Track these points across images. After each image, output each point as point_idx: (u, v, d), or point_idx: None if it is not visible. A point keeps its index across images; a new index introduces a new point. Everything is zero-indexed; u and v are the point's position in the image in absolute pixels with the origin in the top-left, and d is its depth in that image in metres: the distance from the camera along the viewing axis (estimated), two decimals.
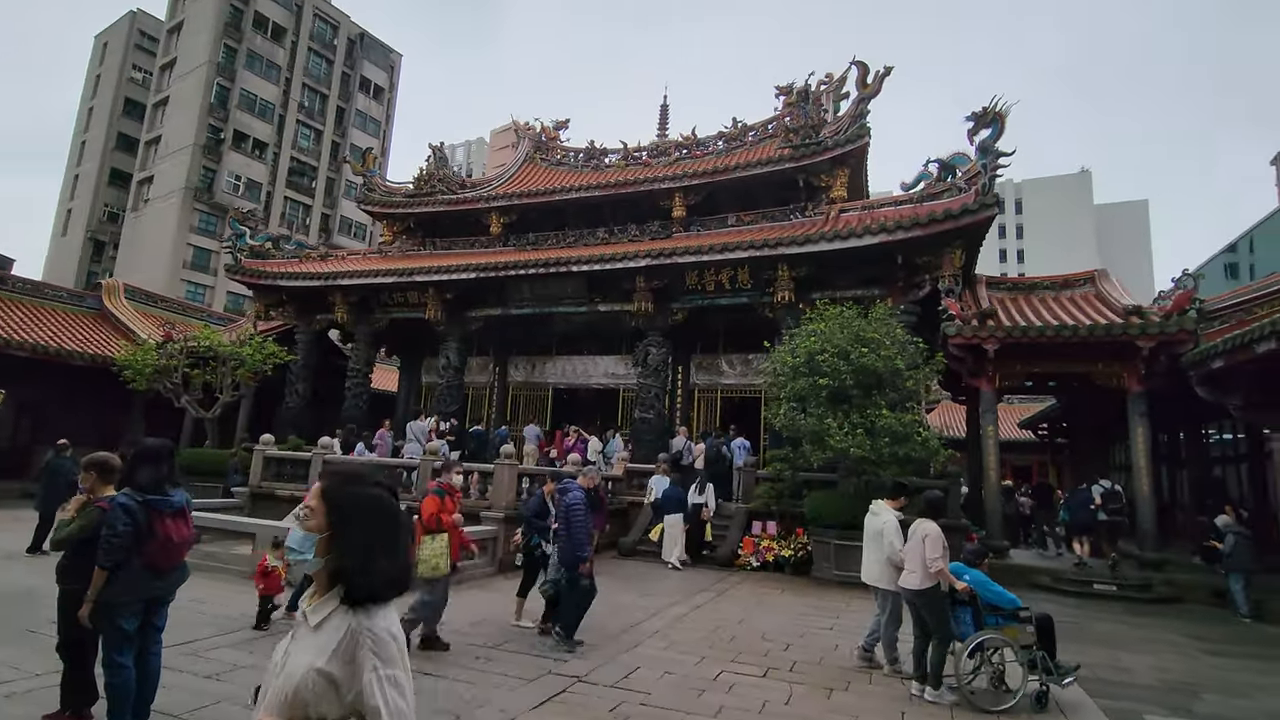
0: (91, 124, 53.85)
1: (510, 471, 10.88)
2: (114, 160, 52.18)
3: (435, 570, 6.09)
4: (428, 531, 6.17)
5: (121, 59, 53.24)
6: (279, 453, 12.82)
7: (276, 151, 49.06)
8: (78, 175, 53.62)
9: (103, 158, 52.09)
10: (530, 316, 18.05)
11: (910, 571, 5.55)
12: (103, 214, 51.85)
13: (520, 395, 19.91)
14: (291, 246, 20.05)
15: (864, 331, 11.12)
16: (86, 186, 52.39)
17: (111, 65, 53.64)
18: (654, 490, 13.27)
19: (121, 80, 52.97)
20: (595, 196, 18.50)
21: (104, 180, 51.98)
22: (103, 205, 51.93)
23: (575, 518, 6.62)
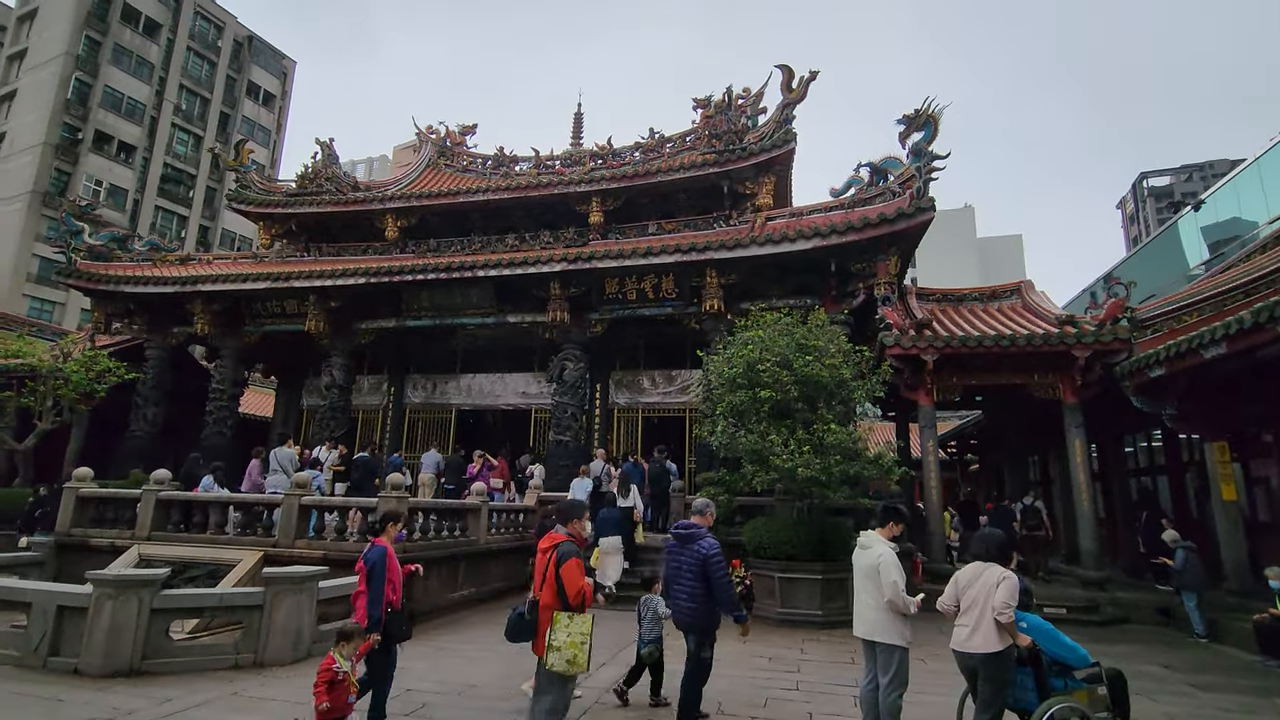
0: None
1: (400, 506, 8.85)
2: None
3: (573, 664, 4.20)
4: (567, 608, 4.27)
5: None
6: (98, 491, 10.14)
7: (147, 156, 44.14)
8: None
9: None
10: (430, 329, 15.97)
11: (973, 629, 4.17)
12: None
13: (419, 418, 17.62)
14: (143, 248, 17.02)
15: (806, 339, 9.96)
16: None
17: None
18: (573, 492, 11.96)
19: None
20: (504, 199, 16.74)
21: None
22: None
23: (718, 572, 5.03)
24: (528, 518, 12.96)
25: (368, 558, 5.12)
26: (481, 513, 11.06)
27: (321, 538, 9.20)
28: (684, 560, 5.28)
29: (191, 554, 9.21)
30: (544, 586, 4.35)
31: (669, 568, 5.41)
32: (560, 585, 4.24)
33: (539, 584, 4.43)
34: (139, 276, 15.79)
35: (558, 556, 4.33)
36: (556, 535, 4.56)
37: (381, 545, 5.21)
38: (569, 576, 4.25)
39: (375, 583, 5.00)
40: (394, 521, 5.56)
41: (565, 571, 4.26)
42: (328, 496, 10.34)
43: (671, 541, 5.53)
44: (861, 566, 4.76)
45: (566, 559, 4.30)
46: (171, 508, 9.89)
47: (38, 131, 40.15)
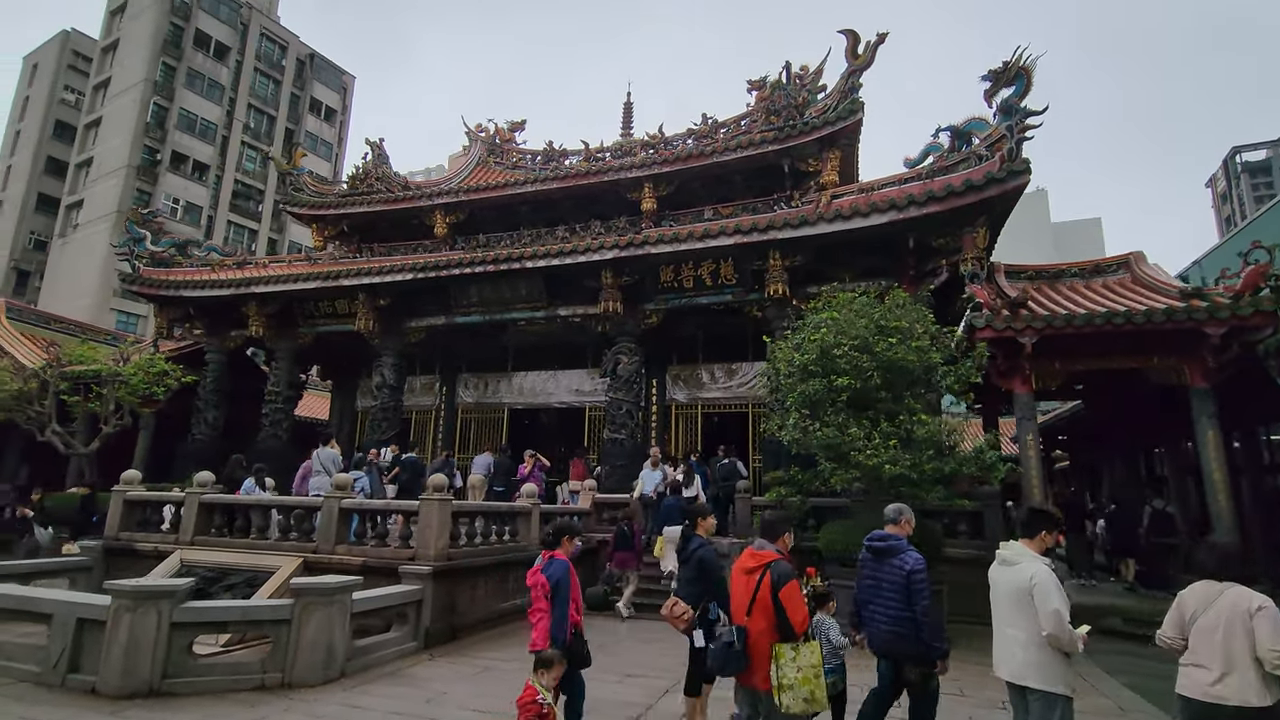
0: (18, 148, 49.79)
1: (440, 511, 8.09)
2: (42, 185, 48.11)
3: (812, 702, 3.58)
4: (788, 638, 3.66)
5: (52, 80, 49.54)
6: (144, 494, 9.79)
7: (219, 174, 45.78)
8: (1, 201, 49.32)
9: (29, 183, 48.01)
10: (479, 326, 15.33)
11: (1222, 672, 3.10)
12: (29, 242, 47.59)
13: (471, 418, 17.06)
14: (202, 253, 17.04)
15: (887, 320, 8.74)
16: (11, 213, 48.09)
17: (41, 86, 49.87)
18: (642, 484, 11.43)
19: (52, 102, 49.19)
20: (553, 190, 16.00)
21: (31, 206, 47.84)
22: (29, 233, 47.68)
23: (922, 593, 4.18)
24: (583, 520, 12.10)
25: (550, 574, 4.52)
26: (533, 516, 10.25)
27: (363, 543, 8.54)
28: (882, 576, 4.36)
29: (232, 560, 8.69)
30: (754, 611, 3.76)
31: (862, 585, 4.58)
32: (781, 612, 3.66)
33: (743, 607, 3.82)
34: (196, 281, 15.73)
35: (774, 578, 3.74)
36: (763, 553, 3.90)
37: (563, 560, 4.68)
38: (792, 602, 3.68)
39: (560, 603, 4.46)
40: (569, 535, 4.88)
41: (787, 596, 3.68)
42: (370, 499, 9.71)
43: (865, 554, 4.59)
44: (1006, 589, 3.62)
45: (786, 581, 3.72)
46: (215, 511, 9.43)
47: (121, 155, 42.09)
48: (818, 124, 13.93)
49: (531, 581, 4.59)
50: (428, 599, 7.75)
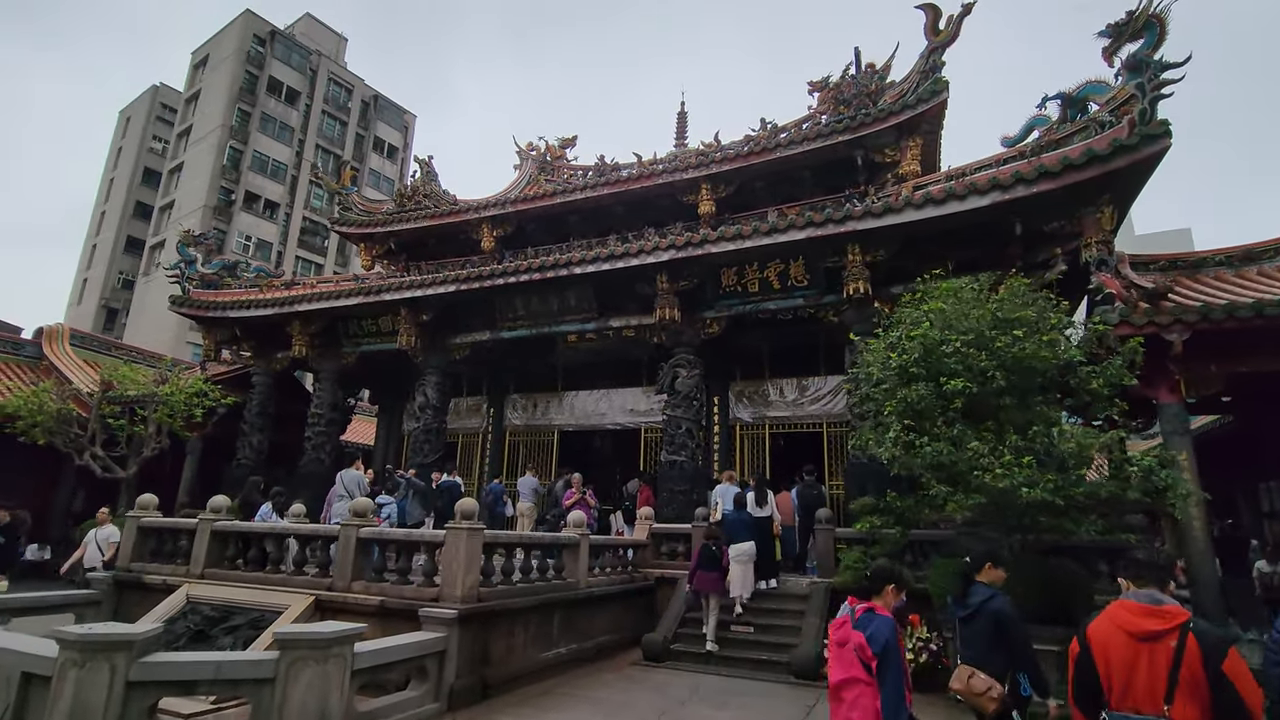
0: (111, 195, 52.64)
1: (469, 543, 6.71)
2: (131, 229, 50.57)
3: None
4: None
5: (142, 130, 52.43)
6: (158, 520, 8.82)
7: (289, 212, 47.08)
8: (95, 245, 52.05)
9: (120, 227, 50.55)
10: (527, 342, 14.16)
11: None
12: (118, 282, 49.87)
13: (520, 441, 15.83)
14: (251, 274, 16.57)
15: (1006, 311, 7.03)
16: (103, 255, 50.66)
17: (133, 137, 52.82)
18: (719, 503, 10.02)
19: (142, 151, 51.98)
20: (604, 197, 14.85)
21: (120, 249, 50.26)
22: (118, 273, 50.01)
23: None
24: (639, 554, 10.56)
25: (874, 634, 3.29)
26: (581, 549, 8.79)
27: (382, 578, 7.25)
28: None
29: (239, 596, 7.53)
30: (1177, 696, 2.50)
31: None
32: (1232, 697, 2.42)
33: (1154, 691, 2.56)
34: (241, 301, 15.18)
35: (1208, 647, 2.50)
36: (1167, 609, 2.65)
37: (886, 616, 3.47)
38: (1244, 679, 2.45)
39: (892, 675, 3.20)
40: (895, 584, 3.66)
41: (1236, 672, 2.45)
42: (392, 528, 8.46)
43: None
44: None
45: (1223, 651, 2.48)
46: (229, 541, 8.35)
47: (200, 196, 43.71)
48: (895, 109, 12.36)
49: (839, 638, 3.39)
50: (452, 649, 6.35)
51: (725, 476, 11.35)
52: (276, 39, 47.26)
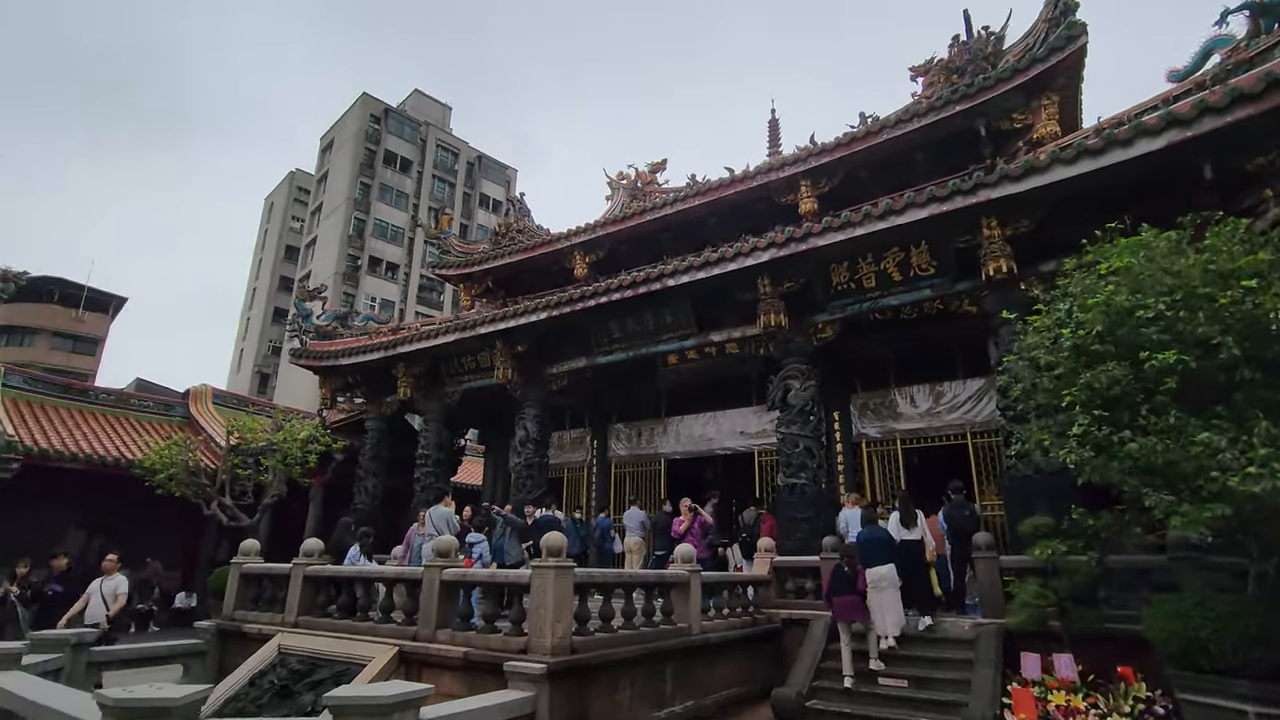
0: (260, 273, 58.38)
1: (558, 584, 5.74)
2: (277, 300, 55.56)
3: None
4: None
5: (284, 213, 58.01)
6: (258, 566, 8.57)
7: (407, 271, 50.00)
8: (249, 319, 57.67)
9: (268, 300, 55.73)
10: (625, 367, 13.31)
11: None
12: (268, 349, 54.78)
13: (626, 473, 14.91)
14: (360, 323, 16.99)
15: (1220, 262, 5.29)
16: (255, 327, 55.94)
17: (275, 220, 58.56)
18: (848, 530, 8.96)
19: (283, 231, 57.43)
20: (696, 208, 13.95)
21: (269, 320, 55.30)
22: (268, 341, 54.92)
23: None
24: (761, 592, 9.19)
25: None
26: (691, 588, 7.59)
27: (469, 626, 6.41)
28: None
29: (326, 647, 6.95)
30: None
31: None
32: None
33: None
34: (350, 349, 15.47)
35: None
36: None
37: None
38: None
39: None
40: None
41: None
42: (478, 569, 7.68)
43: None
44: None
45: None
46: (320, 586, 7.89)
47: (331, 265, 47.35)
48: (1021, 65, 10.64)
49: None
50: (542, 710, 5.33)
51: (850, 500, 9.81)
52: (390, 115, 50.98)
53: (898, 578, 7.44)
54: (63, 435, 16.51)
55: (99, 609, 8.45)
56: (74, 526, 17.31)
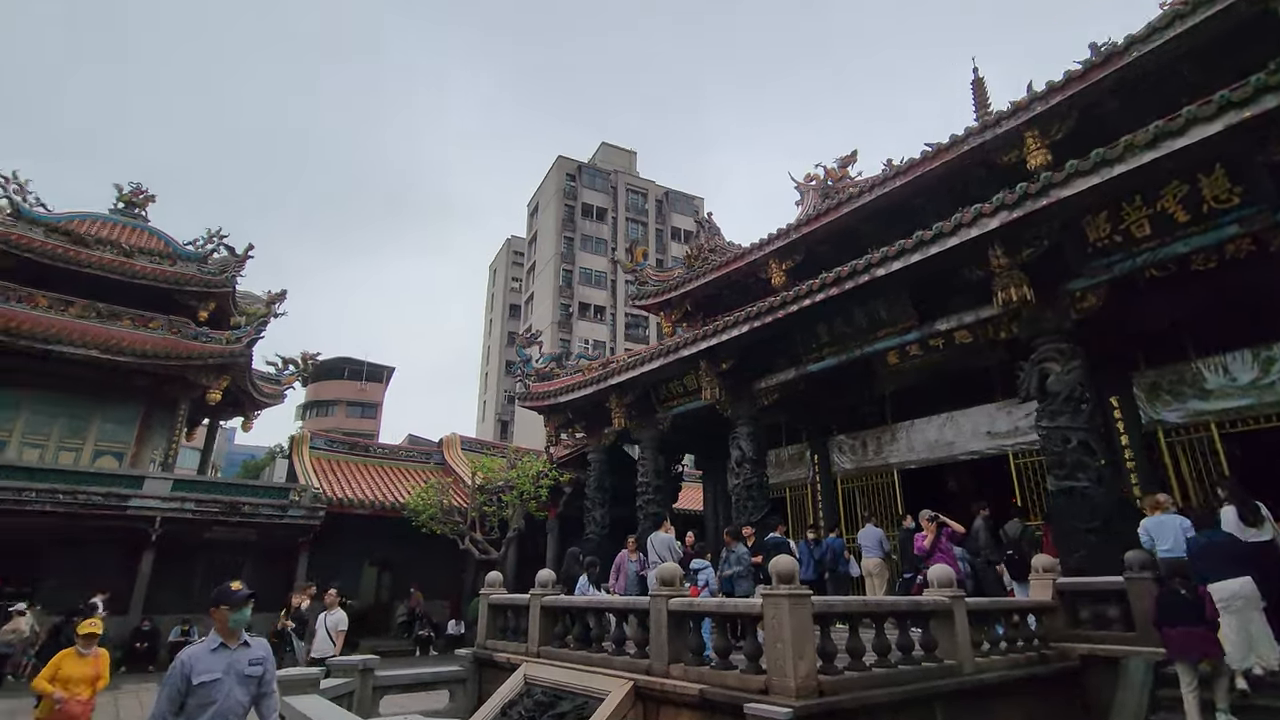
0: (491, 332, 65.62)
1: (794, 615, 5.06)
2: (507, 355, 61.90)
3: None
4: None
5: (505, 276, 64.87)
6: (502, 597, 8.97)
7: (613, 312, 52.81)
8: (486, 373, 64.90)
9: (500, 355, 62.26)
10: (839, 374, 12.22)
11: None
12: (504, 399, 61.02)
13: (854, 488, 13.63)
14: (573, 361, 17.89)
15: None
16: (492, 381, 62.72)
17: (499, 283, 65.68)
18: (1153, 541, 6.93)
19: (506, 292, 64.15)
20: (899, 190, 12.56)
21: (502, 373, 61.72)
22: (503, 392, 61.23)
23: None
24: (1046, 622, 7.54)
25: None
26: (955, 617, 6.38)
27: (702, 661, 5.95)
28: None
29: (566, 679, 6.94)
30: None
31: None
32: None
33: None
34: (566, 386, 16.27)
35: None
36: None
37: None
38: None
39: None
40: None
41: None
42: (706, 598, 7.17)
43: None
44: None
45: None
46: (556, 617, 8.00)
47: (547, 315, 51.72)
48: None
49: None
50: None
51: (1151, 504, 7.71)
52: (583, 171, 54.88)
53: (1258, 594, 5.52)
54: (352, 486, 19.47)
55: (324, 642, 8.78)
56: (367, 564, 20.25)
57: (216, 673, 3.49)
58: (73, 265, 18.26)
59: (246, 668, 3.60)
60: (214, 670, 3.49)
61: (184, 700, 3.39)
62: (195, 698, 3.41)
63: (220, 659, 3.55)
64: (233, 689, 3.52)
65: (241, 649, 3.64)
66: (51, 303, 17.90)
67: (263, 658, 3.73)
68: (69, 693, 6.02)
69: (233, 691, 3.52)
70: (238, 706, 3.55)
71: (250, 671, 3.62)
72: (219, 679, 3.48)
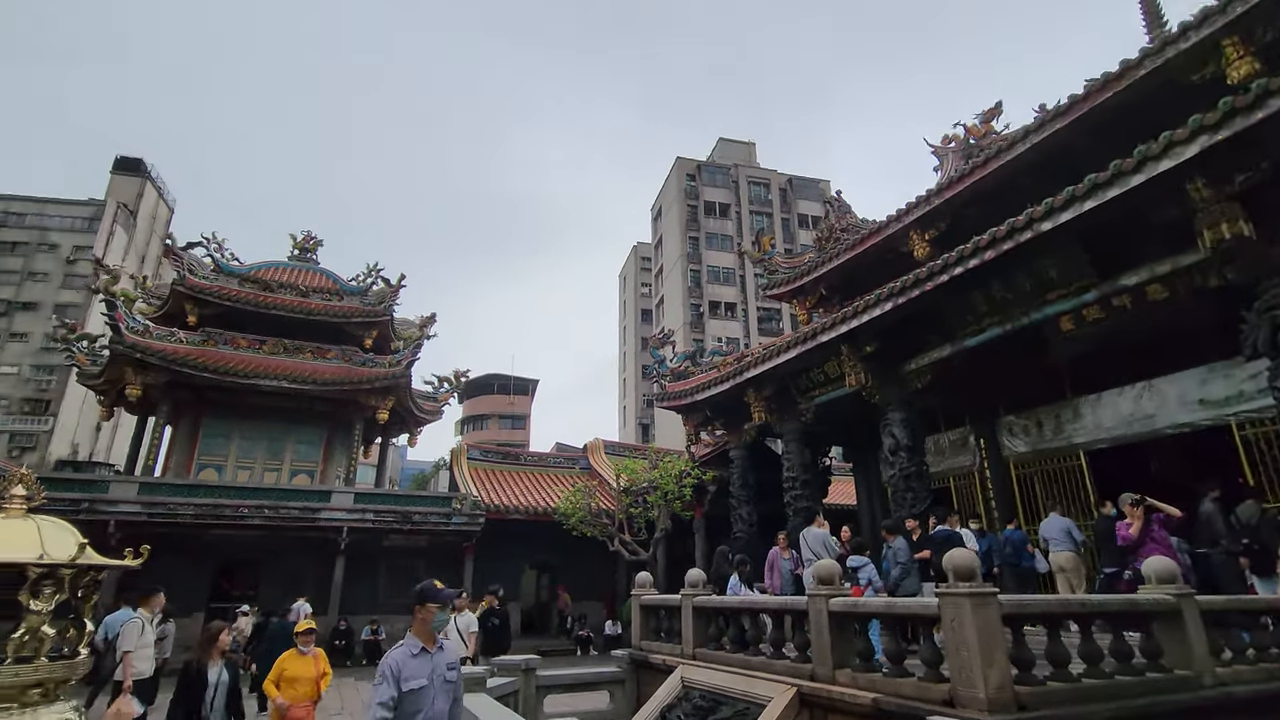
0: (625, 338, 67.06)
1: (979, 615, 4.42)
2: (642, 359, 62.91)
3: None
4: None
5: (635, 282, 66.02)
6: (653, 598, 8.84)
7: (744, 307, 51.95)
8: (624, 379, 66.37)
9: (636, 361, 63.40)
10: (1001, 345, 10.94)
11: None
12: (643, 403, 62.01)
13: (1030, 473, 12.15)
14: (707, 358, 17.59)
15: None
16: (630, 386, 64.01)
17: (629, 290, 66.97)
18: None
19: (636, 298, 65.24)
20: (1061, 133, 11.05)
21: (639, 378, 62.79)
22: (641, 396, 62.24)
23: None
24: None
25: None
26: (1185, 618, 5.33)
27: (871, 667, 5.41)
28: None
29: (725, 683, 6.64)
30: None
31: None
32: None
33: None
34: (702, 384, 16.01)
35: None
36: None
37: None
38: None
39: None
40: None
41: None
42: (870, 598, 6.53)
43: None
44: None
45: None
46: (709, 618, 7.74)
47: (678, 317, 51.91)
48: None
49: None
50: None
51: None
52: (702, 169, 54.58)
53: None
54: (507, 493, 20.47)
55: (457, 643, 8.63)
56: (526, 567, 21.18)
57: (422, 679, 3.38)
58: (261, 308, 20.84)
59: (446, 673, 3.51)
60: (420, 677, 3.38)
61: (396, 706, 3.29)
62: (404, 705, 3.32)
63: (424, 665, 3.43)
64: (436, 697, 3.41)
65: (438, 653, 3.53)
66: (249, 342, 20.51)
67: (456, 662, 3.63)
68: (296, 691, 6.26)
69: (436, 699, 3.41)
70: (441, 716, 3.44)
71: (450, 677, 3.53)
72: (425, 686, 3.38)
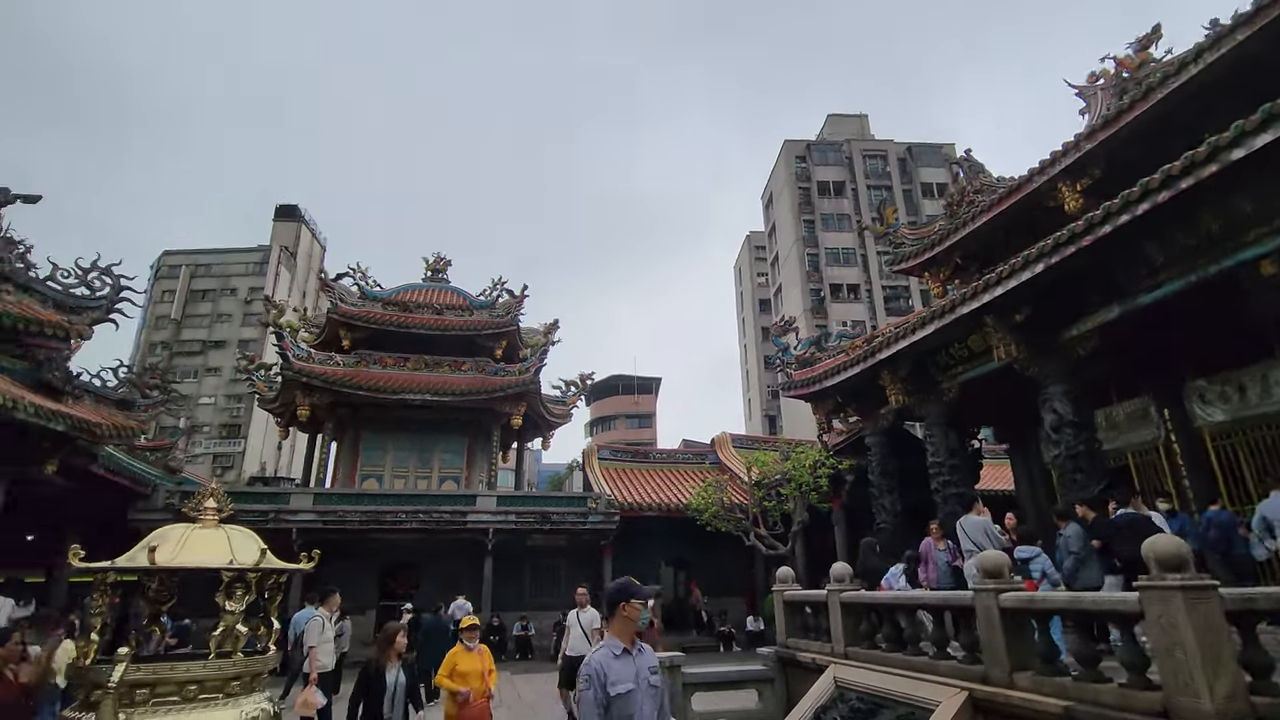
0: (745, 330, 66.11)
1: (1195, 613, 3.73)
2: (764, 350, 61.66)
3: None
4: None
5: (750, 273, 64.94)
6: (796, 594, 8.43)
7: (868, 288, 49.49)
8: (748, 371, 65.40)
9: (758, 352, 62.30)
10: (1182, 299, 9.46)
11: None
12: (768, 394, 60.79)
13: (1231, 444, 10.44)
14: (834, 342, 16.76)
15: None
16: (754, 378, 62.99)
17: (746, 281, 65.95)
18: None
19: (753, 289, 64.10)
20: (1248, 43, 9.44)
21: (762, 369, 61.62)
22: (765, 387, 61.03)
23: None
24: None
25: None
26: None
27: (1057, 670, 4.78)
28: None
29: (883, 684, 6.19)
30: None
31: None
32: None
33: None
34: (830, 369, 15.28)
35: None
36: None
37: None
38: None
39: None
40: None
41: None
42: (1048, 592, 5.77)
43: None
44: None
45: None
46: (860, 615, 7.27)
47: (798, 304, 50.31)
48: None
49: None
50: None
51: None
52: (812, 149, 52.59)
53: None
54: (639, 490, 20.69)
55: (580, 640, 8.59)
56: (663, 563, 21.30)
57: (629, 683, 3.12)
58: (402, 328, 22.51)
59: (650, 676, 3.24)
60: (625, 680, 3.12)
61: (604, 712, 3.06)
62: (612, 711, 3.07)
63: (628, 667, 3.17)
64: (644, 702, 3.14)
65: (639, 655, 3.26)
66: (394, 360, 22.21)
67: (657, 665, 3.36)
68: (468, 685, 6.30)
69: (644, 705, 3.13)
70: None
71: (654, 681, 3.26)
72: (632, 690, 3.12)
